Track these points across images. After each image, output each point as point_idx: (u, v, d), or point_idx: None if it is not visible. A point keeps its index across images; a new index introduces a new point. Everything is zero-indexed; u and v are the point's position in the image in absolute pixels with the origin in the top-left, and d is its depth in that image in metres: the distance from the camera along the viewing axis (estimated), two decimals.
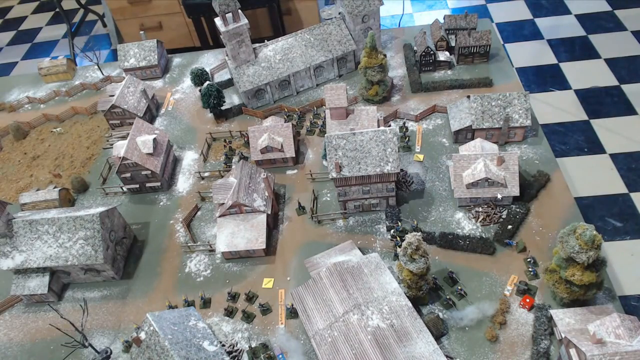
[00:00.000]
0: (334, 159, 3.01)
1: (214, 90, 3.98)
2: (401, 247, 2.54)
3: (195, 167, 3.88)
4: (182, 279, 3.17)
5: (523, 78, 7.26)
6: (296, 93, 4.29)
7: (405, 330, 2.44)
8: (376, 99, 3.98)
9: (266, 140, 3.57)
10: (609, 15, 8.06)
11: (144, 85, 4.30)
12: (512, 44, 7.89)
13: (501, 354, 2.53)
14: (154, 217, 3.58)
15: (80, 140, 4.35)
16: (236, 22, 3.91)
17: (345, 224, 3.27)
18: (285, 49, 4.16)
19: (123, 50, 4.70)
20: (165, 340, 2.40)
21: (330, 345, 2.45)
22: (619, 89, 6.90)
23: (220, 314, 2.95)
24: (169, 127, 4.24)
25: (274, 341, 2.76)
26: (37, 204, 3.67)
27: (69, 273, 3.18)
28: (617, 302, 2.67)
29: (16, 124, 4.45)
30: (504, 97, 3.41)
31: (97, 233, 3.00)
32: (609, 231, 5.30)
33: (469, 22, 4.35)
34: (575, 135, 6.52)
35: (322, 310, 2.59)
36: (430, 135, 3.74)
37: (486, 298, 2.77)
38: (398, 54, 4.47)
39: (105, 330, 2.99)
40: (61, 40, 9.98)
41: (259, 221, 3.16)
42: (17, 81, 5.17)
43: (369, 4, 4.05)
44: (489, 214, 3.10)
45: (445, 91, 4.04)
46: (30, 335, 3.06)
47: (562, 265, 2.45)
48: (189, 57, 4.99)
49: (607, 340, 2.17)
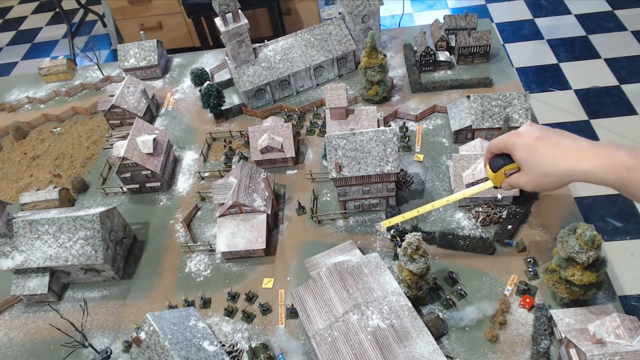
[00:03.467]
0: (334, 159, 3.01)
1: (214, 90, 3.97)
2: (401, 247, 2.55)
3: (195, 167, 3.87)
4: (182, 279, 3.17)
5: (523, 78, 7.24)
6: (296, 93, 4.28)
7: (405, 330, 2.43)
8: (376, 99, 3.97)
9: (266, 140, 3.56)
10: (609, 15, 8.04)
11: (144, 85, 4.29)
12: (512, 44, 7.88)
13: (501, 354, 2.53)
14: (154, 217, 3.58)
15: (80, 140, 4.34)
16: (236, 22, 3.90)
17: (345, 224, 3.26)
18: (285, 49, 4.15)
19: (123, 50, 4.69)
20: (165, 340, 2.40)
21: (330, 345, 2.44)
22: (619, 89, 6.89)
23: (220, 314, 2.94)
24: (169, 127, 4.24)
25: (274, 341, 2.76)
26: (37, 204, 3.66)
27: (69, 273, 3.17)
28: (617, 302, 2.67)
29: (16, 124, 4.44)
30: (504, 97, 3.40)
31: (97, 233, 2.99)
32: (609, 231, 5.28)
33: (469, 22, 4.34)
34: None
35: (322, 310, 2.58)
36: (430, 135, 3.73)
37: (486, 298, 2.76)
38: (398, 54, 4.46)
39: (105, 330, 2.99)
40: (61, 40, 9.96)
41: (259, 221, 3.15)
42: (17, 81, 5.17)
43: (369, 4, 4.04)
44: (489, 214, 3.10)
45: (445, 91, 4.04)
46: (30, 335, 3.05)
47: (562, 265, 2.45)
48: (189, 57, 4.98)
49: (607, 340, 2.17)
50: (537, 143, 1.66)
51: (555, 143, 1.64)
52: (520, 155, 1.72)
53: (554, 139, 1.65)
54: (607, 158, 1.49)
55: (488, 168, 1.98)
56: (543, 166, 1.65)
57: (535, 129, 1.72)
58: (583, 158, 1.54)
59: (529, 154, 1.67)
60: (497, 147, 1.85)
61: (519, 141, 1.72)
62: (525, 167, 1.74)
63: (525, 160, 1.71)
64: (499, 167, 1.89)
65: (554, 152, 1.61)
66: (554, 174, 1.62)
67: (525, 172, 1.75)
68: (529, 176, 1.73)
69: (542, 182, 1.71)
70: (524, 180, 1.77)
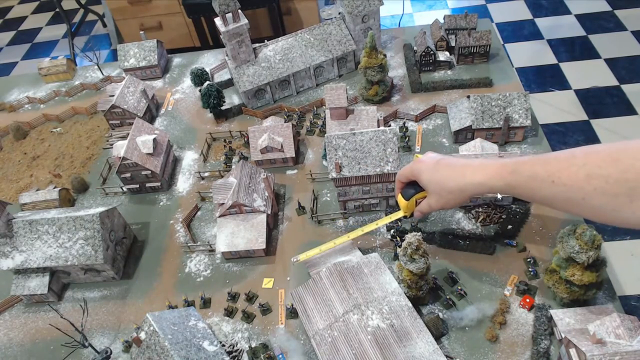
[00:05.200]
0: (334, 159, 3.00)
1: (214, 90, 3.97)
2: (401, 247, 2.54)
3: (195, 167, 3.87)
4: (182, 279, 3.16)
5: (523, 78, 7.24)
6: (296, 93, 4.28)
7: (405, 330, 2.43)
8: (376, 99, 3.96)
9: (266, 140, 3.56)
10: (609, 15, 8.04)
11: (144, 85, 4.28)
12: (512, 44, 7.88)
13: (501, 354, 2.53)
14: (154, 217, 3.57)
15: (80, 140, 4.34)
16: (236, 22, 3.89)
17: (345, 224, 3.26)
18: (285, 49, 4.15)
19: (123, 50, 4.69)
20: (165, 340, 2.39)
21: (330, 345, 2.44)
22: (619, 89, 6.89)
23: (220, 314, 2.94)
24: (169, 127, 4.24)
25: (274, 341, 2.76)
26: (37, 204, 3.66)
27: (69, 273, 3.17)
28: (617, 302, 2.67)
29: (16, 124, 4.44)
30: (504, 97, 3.40)
31: (97, 233, 2.98)
32: (609, 231, 5.28)
33: (469, 22, 4.34)
34: (575, 135, 6.51)
35: (322, 310, 2.58)
36: (430, 135, 3.73)
37: (486, 298, 2.76)
38: (398, 54, 4.45)
39: (105, 330, 2.98)
40: (61, 40, 9.96)
41: (259, 221, 3.15)
42: (17, 81, 5.16)
43: (369, 4, 4.03)
44: (489, 214, 3.10)
45: (445, 91, 4.03)
46: (30, 335, 3.05)
47: (562, 265, 2.44)
48: (189, 57, 4.98)
49: (607, 340, 2.17)
50: (438, 166, 1.96)
51: (452, 163, 1.95)
52: (426, 178, 2.00)
53: (451, 161, 1.97)
54: (495, 168, 1.74)
55: (400, 197, 2.21)
56: (445, 184, 1.92)
57: (435, 155, 2.05)
58: (476, 172, 1.80)
59: (433, 176, 1.96)
60: (405, 176, 2.14)
61: (422, 167, 2.01)
62: (430, 188, 2.01)
63: (430, 182, 1.99)
64: (411, 195, 2.14)
65: (453, 170, 1.90)
66: (456, 189, 1.89)
67: (431, 194, 2.03)
68: (436, 196, 2.01)
69: (448, 199, 1.99)
70: (433, 201, 2.05)
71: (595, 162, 1.39)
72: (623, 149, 1.36)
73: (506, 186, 1.70)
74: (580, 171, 1.42)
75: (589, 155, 1.43)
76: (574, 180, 1.43)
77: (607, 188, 1.35)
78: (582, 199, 1.43)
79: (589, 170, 1.39)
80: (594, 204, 1.40)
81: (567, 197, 1.48)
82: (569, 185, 1.45)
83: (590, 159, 1.41)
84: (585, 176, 1.40)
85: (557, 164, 1.50)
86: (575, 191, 1.44)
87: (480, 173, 1.78)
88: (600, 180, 1.36)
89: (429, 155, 2.05)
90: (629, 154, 1.32)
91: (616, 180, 1.33)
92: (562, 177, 1.47)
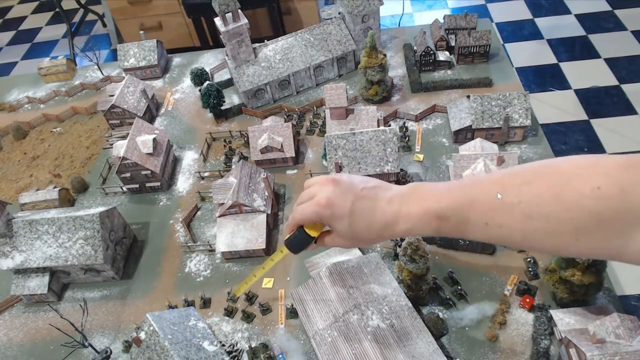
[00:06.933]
0: (334, 159, 3.00)
1: (214, 90, 3.97)
2: (401, 247, 2.54)
3: (195, 167, 3.87)
4: (182, 279, 3.16)
5: (523, 78, 7.24)
6: (296, 93, 4.28)
7: (405, 330, 2.43)
8: (376, 98, 3.96)
9: (266, 140, 3.56)
10: (609, 15, 8.04)
11: (143, 85, 4.28)
12: (512, 43, 7.88)
13: (501, 354, 2.53)
14: (154, 217, 3.57)
15: (80, 140, 4.33)
16: (236, 22, 3.89)
17: None
18: (285, 49, 4.15)
19: (123, 50, 4.68)
20: (165, 340, 2.39)
21: (330, 345, 2.44)
22: (619, 89, 6.90)
23: (220, 314, 2.94)
24: (169, 127, 4.23)
25: (274, 341, 2.76)
26: (37, 204, 3.65)
27: (69, 273, 3.17)
28: (617, 302, 2.67)
29: (16, 124, 4.44)
30: (504, 97, 3.40)
31: (97, 233, 2.98)
32: None
33: (469, 22, 4.34)
34: (575, 135, 6.50)
35: (322, 310, 2.58)
36: (430, 135, 3.73)
37: (486, 298, 2.76)
38: (398, 54, 4.45)
39: (105, 330, 2.98)
40: (61, 40, 9.96)
41: (259, 221, 3.15)
42: (17, 81, 5.16)
43: (369, 4, 4.03)
44: None
45: (445, 91, 4.03)
46: (30, 335, 3.05)
47: (562, 265, 2.44)
48: (189, 57, 4.97)
49: (607, 340, 2.17)
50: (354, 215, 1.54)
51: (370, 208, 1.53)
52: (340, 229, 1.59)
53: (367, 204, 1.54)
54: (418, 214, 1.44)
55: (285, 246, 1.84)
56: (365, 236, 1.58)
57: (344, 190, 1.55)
58: (399, 221, 1.48)
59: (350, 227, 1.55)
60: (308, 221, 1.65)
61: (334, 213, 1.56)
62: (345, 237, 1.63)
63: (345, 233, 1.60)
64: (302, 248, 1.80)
65: (372, 218, 1.51)
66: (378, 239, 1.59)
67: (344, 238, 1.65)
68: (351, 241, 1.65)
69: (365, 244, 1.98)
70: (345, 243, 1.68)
71: (532, 199, 1.21)
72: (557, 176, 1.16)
73: (435, 232, 1.45)
74: (515, 210, 1.23)
75: (520, 188, 1.23)
76: (511, 221, 1.24)
77: (549, 227, 1.18)
78: (522, 238, 1.26)
79: (526, 209, 1.21)
80: (536, 243, 1.24)
81: (506, 236, 1.30)
82: (505, 226, 1.26)
83: (524, 194, 1.22)
84: (523, 216, 1.22)
85: (487, 203, 1.29)
86: (513, 231, 1.26)
87: (403, 220, 1.47)
88: (541, 221, 1.19)
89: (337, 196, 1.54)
90: (571, 187, 1.13)
91: (558, 220, 1.16)
92: (496, 219, 1.28)
